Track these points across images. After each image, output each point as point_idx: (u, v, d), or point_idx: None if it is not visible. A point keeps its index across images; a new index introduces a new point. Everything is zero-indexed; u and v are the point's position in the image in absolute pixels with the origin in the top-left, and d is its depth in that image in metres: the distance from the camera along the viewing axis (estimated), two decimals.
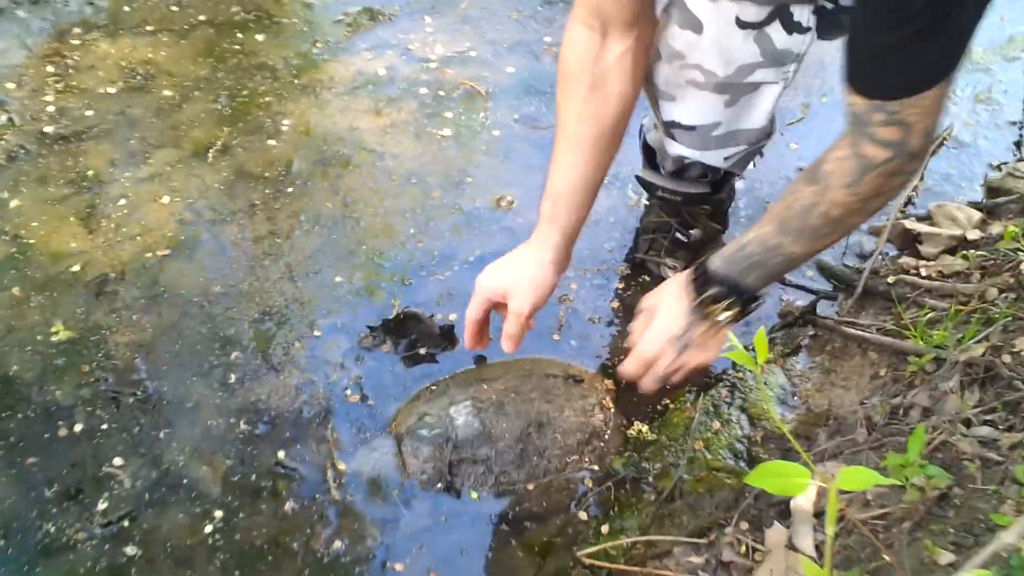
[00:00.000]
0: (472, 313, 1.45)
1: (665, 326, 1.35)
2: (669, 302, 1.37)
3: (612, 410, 1.63)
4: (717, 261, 1.32)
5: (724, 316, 1.33)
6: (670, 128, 1.55)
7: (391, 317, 1.74)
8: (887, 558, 1.21)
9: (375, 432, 1.59)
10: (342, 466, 1.53)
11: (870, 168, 1.11)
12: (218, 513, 1.46)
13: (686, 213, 1.83)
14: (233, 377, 1.64)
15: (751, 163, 1.65)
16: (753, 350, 0.93)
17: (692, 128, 1.50)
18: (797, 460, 0.82)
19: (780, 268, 1.30)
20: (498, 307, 1.45)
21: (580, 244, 1.88)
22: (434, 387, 1.64)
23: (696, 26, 1.33)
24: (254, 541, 1.44)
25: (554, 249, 1.43)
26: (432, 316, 1.74)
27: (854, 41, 1.05)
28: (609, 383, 1.68)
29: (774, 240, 1.26)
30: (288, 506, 1.48)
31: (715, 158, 1.55)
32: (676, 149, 1.58)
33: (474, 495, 1.51)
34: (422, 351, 1.71)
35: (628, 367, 1.39)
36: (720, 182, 1.75)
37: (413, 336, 1.72)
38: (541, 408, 1.57)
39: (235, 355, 1.68)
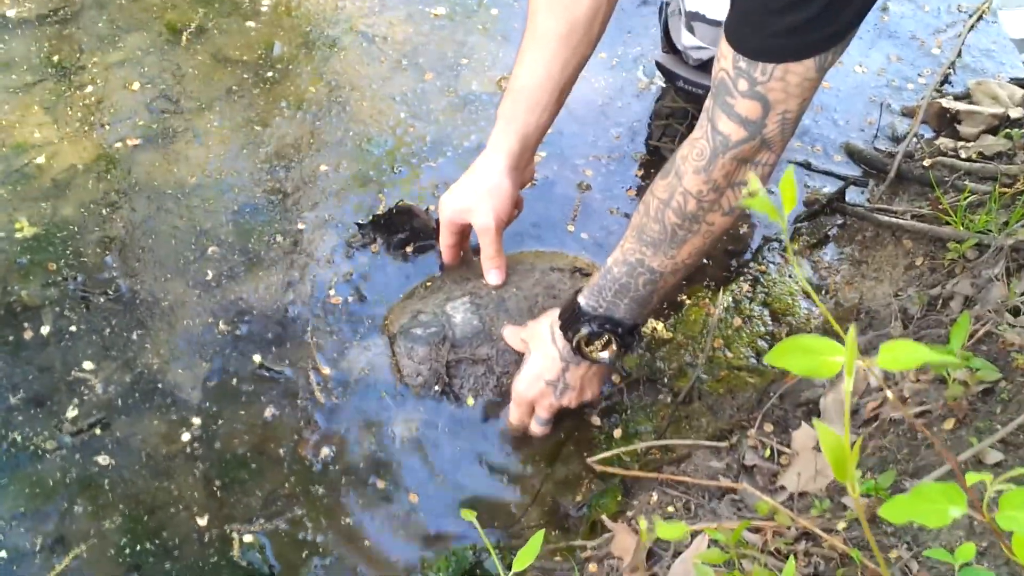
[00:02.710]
0: (444, 240, 1.44)
1: (538, 369, 1.30)
2: (542, 343, 1.30)
3: None
4: (586, 293, 1.24)
5: (602, 355, 1.26)
6: (691, 20, 1.46)
7: (381, 212, 1.60)
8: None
9: (366, 333, 1.47)
10: (326, 370, 1.42)
11: (723, 148, 1.06)
12: (196, 420, 1.37)
13: None
14: (211, 274, 1.52)
15: None
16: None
17: (717, 23, 1.38)
18: None
19: (649, 290, 1.21)
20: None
21: (585, 129, 1.78)
22: (429, 283, 1.51)
23: None
24: (236, 449, 1.34)
25: (509, 155, 1.35)
26: (427, 209, 1.60)
27: None
28: None
29: (635, 255, 1.18)
30: (272, 412, 1.38)
31: None
32: (692, 42, 1.50)
33: (471, 401, 1.39)
34: (412, 248, 1.58)
35: (512, 413, 1.36)
36: None
37: (406, 232, 1.59)
38: (545, 304, 1.43)
39: (212, 250, 1.55)
